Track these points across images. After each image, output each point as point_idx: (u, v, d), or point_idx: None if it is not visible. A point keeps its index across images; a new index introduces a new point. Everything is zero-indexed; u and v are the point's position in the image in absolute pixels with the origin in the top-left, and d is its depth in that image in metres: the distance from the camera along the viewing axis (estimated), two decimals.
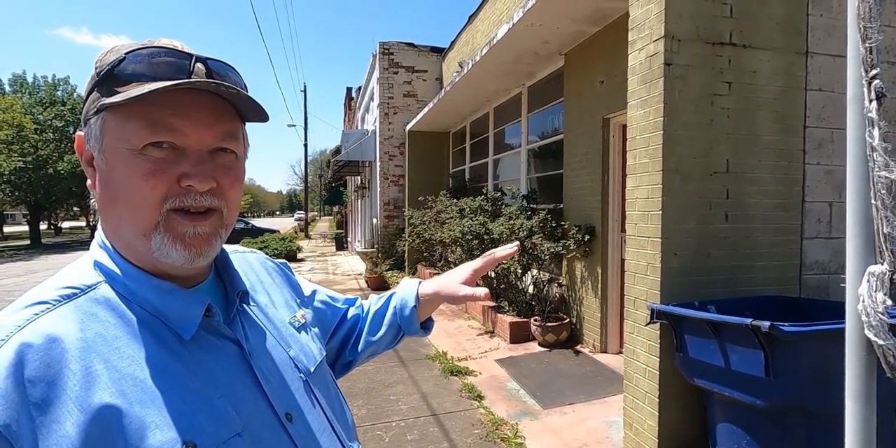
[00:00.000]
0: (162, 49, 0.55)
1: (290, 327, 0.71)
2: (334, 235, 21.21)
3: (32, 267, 14.17)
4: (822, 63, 2.68)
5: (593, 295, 4.44)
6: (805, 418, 1.89)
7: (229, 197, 0.58)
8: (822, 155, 2.71)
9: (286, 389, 0.63)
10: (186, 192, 0.54)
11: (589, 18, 4.13)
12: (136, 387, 0.50)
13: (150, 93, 0.50)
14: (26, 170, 21.58)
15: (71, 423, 0.46)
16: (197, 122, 0.54)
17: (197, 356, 0.56)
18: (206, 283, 0.64)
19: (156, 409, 0.50)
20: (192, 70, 0.54)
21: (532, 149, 6.08)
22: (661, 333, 2.46)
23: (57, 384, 0.47)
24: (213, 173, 0.56)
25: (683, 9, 2.44)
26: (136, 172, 0.53)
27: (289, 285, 0.81)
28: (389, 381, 3.88)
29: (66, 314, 0.52)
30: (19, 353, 0.47)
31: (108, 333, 0.52)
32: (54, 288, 0.54)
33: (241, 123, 0.61)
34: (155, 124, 0.53)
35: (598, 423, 3.07)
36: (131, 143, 0.53)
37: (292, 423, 0.60)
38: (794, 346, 1.83)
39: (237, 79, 0.59)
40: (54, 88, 25.64)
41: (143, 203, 0.53)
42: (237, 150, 0.59)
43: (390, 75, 10.11)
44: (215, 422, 0.53)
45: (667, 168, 2.45)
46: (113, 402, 0.48)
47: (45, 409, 0.46)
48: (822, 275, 2.73)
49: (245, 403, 0.57)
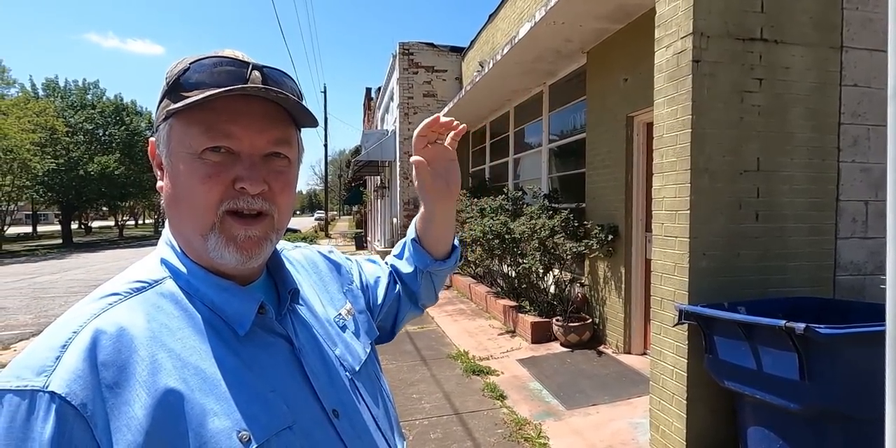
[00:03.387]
0: (224, 58, 0.58)
1: (335, 326, 0.72)
2: (354, 235, 21.39)
3: (65, 265, 14.66)
4: (858, 58, 2.60)
5: (616, 295, 4.39)
6: (842, 423, 1.84)
7: (280, 201, 0.60)
8: (857, 152, 2.63)
9: (333, 387, 0.64)
10: (240, 195, 0.56)
11: (612, 16, 4.08)
12: (197, 376, 0.53)
13: (201, 99, 0.53)
14: (58, 171, 22.36)
15: (140, 406, 0.49)
16: (249, 128, 0.56)
17: (251, 351, 0.59)
18: (259, 282, 0.66)
19: (214, 398, 0.53)
20: (249, 77, 0.57)
21: (553, 148, 6.04)
22: (689, 334, 2.42)
23: (126, 369, 0.50)
24: (266, 177, 0.58)
25: (712, 5, 2.40)
26: (195, 175, 0.56)
27: (336, 276, 0.82)
28: (412, 379, 3.90)
29: (135, 306, 0.56)
30: (94, 339, 0.51)
31: (173, 325, 0.56)
32: (125, 282, 0.58)
33: (295, 129, 0.63)
34: (212, 130, 0.55)
35: (622, 424, 3.04)
36: (192, 148, 0.56)
37: (339, 420, 0.62)
38: (830, 348, 1.79)
39: (292, 85, 0.61)
40: (85, 92, 26.49)
41: (202, 205, 0.56)
42: (290, 155, 0.61)
43: (410, 75, 10.15)
44: (268, 414, 0.55)
45: (695, 167, 2.41)
46: (177, 388, 0.51)
47: (117, 392, 0.49)
48: (858, 276, 2.65)
49: (295, 398, 0.59)
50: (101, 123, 25.90)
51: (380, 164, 13.55)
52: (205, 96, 0.53)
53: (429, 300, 0.93)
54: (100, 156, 24.69)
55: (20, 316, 7.13)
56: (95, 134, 25.81)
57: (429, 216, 0.84)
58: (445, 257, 0.89)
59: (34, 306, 7.85)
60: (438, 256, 0.88)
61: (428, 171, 0.79)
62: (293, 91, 0.61)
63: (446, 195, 0.82)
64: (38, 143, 19.63)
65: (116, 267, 13.14)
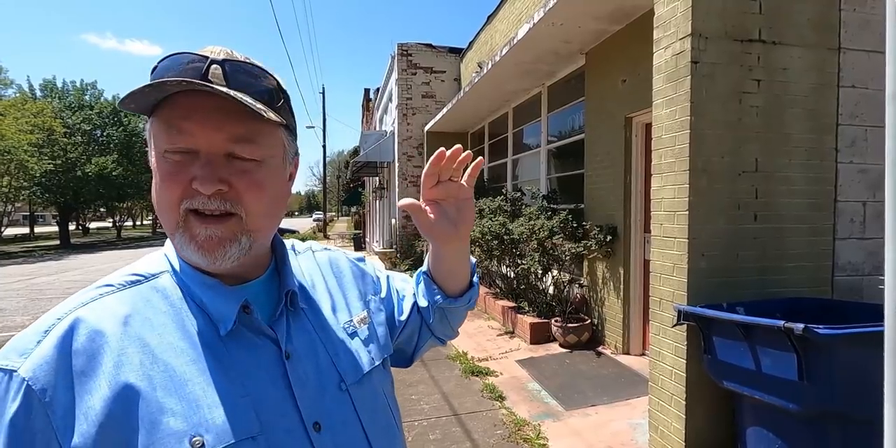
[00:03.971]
0: (189, 54, 0.55)
1: (342, 333, 0.68)
2: (353, 236, 21.37)
3: (63, 266, 14.61)
4: (856, 59, 2.61)
5: (615, 296, 4.39)
6: (841, 423, 1.84)
7: (246, 201, 0.56)
8: (855, 153, 2.63)
9: (321, 397, 0.60)
10: (196, 194, 0.54)
11: (611, 17, 4.09)
12: (165, 373, 0.53)
13: (128, 93, 0.51)
14: (56, 172, 22.28)
15: (98, 397, 0.50)
16: (203, 125, 0.54)
17: (233, 352, 0.57)
18: (259, 281, 0.64)
19: (177, 398, 0.52)
20: (206, 73, 0.54)
21: (552, 149, 6.04)
22: (688, 335, 2.43)
23: (95, 358, 0.51)
24: (227, 176, 0.54)
25: (711, 6, 2.40)
26: (159, 174, 0.56)
27: (360, 283, 0.77)
28: (410, 380, 3.90)
29: (125, 298, 0.57)
30: (72, 327, 0.52)
31: (156, 320, 0.56)
32: (124, 274, 0.60)
33: (272, 126, 0.58)
34: (171, 128, 0.54)
35: (621, 425, 3.04)
36: (159, 147, 0.55)
37: (319, 434, 0.58)
38: (829, 349, 1.79)
39: (246, 79, 0.56)
40: (82, 93, 26.41)
41: (165, 203, 0.55)
42: (255, 154, 0.56)
43: (408, 76, 10.15)
44: (231, 420, 0.53)
45: (694, 167, 2.42)
46: (136, 384, 0.51)
47: (83, 380, 0.50)
48: (856, 276, 2.65)
49: (270, 406, 0.56)
50: (98, 124, 25.82)
51: (378, 165, 13.55)
52: (131, 92, 0.51)
53: (445, 335, 0.86)
54: (97, 157, 24.62)
55: (17, 317, 7.10)
56: (93, 135, 25.73)
57: (437, 254, 0.77)
58: (458, 295, 0.81)
59: (31, 307, 7.82)
60: (450, 293, 0.80)
61: (426, 215, 0.71)
62: (264, 86, 0.57)
63: (453, 237, 0.73)
64: (35, 143, 19.58)
65: (114, 268, 13.03)
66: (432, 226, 0.72)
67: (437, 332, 0.84)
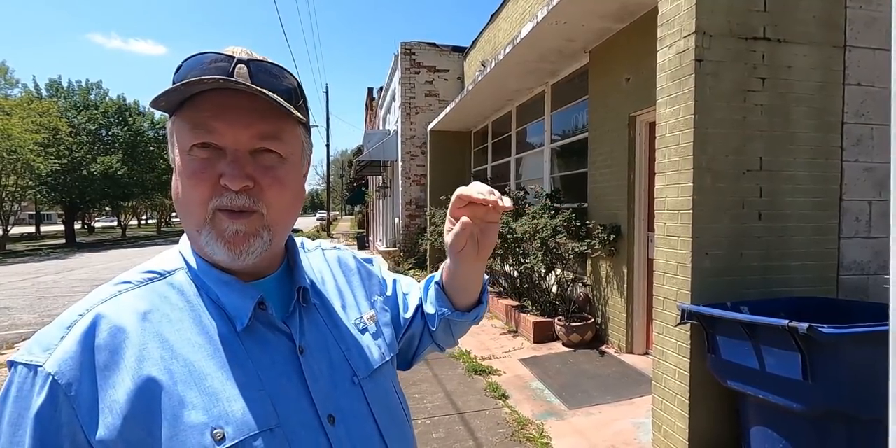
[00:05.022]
0: (213, 53, 0.56)
1: (353, 328, 0.70)
2: (356, 235, 21.41)
3: (69, 265, 14.70)
4: (862, 57, 2.59)
5: (619, 295, 4.38)
6: (846, 423, 1.84)
7: (268, 197, 0.57)
8: (861, 152, 2.62)
9: (335, 391, 0.62)
10: (224, 191, 0.55)
11: (615, 15, 4.08)
12: (185, 368, 0.54)
13: (163, 92, 0.52)
14: (62, 171, 22.40)
15: (122, 390, 0.51)
16: (233, 123, 0.55)
17: (249, 347, 0.58)
18: (272, 277, 0.65)
19: (197, 392, 0.53)
20: (233, 72, 0.55)
21: (555, 147, 6.03)
22: (692, 334, 2.42)
23: (118, 352, 0.53)
24: (252, 173, 0.56)
25: (715, 4, 2.39)
26: (185, 172, 0.56)
27: (367, 283, 0.79)
28: (414, 379, 3.90)
29: (143, 295, 0.58)
30: (94, 323, 0.54)
31: (174, 316, 0.57)
32: (141, 271, 0.61)
33: (294, 124, 0.61)
34: (197, 126, 0.55)
35: (625, 424, 3.03)
36: (183, 145, 0.56)
37: (334, 426, 0.59)
38: (833, 348, 1.78)
39: (285, 80, 0.59)
40: (87, 92, 26.54)
41: (192, 201, 0.56)
42: (280, 150, 0.58)
43: (412, 75, 10.16)
44: (250, 413, 0.54)
45: (698, 166, 2.41)
46: (159, 377, 0.52)
47: (107, 374, 0.52)
48: (861, 275, 2.64)
49: (286, 400, 0.57)
50: (104, 124, 25.96)
51: (382, 164, 13.57)
52: (165, 90, 0.52)
53: (446, 343, 0.87)
54: (103, 156, 24.74)
55: (24, 315, 7.15)
56: (98, 134, 25.86)
57: (453, 270, 0.77)
58: (467, 310, 0.81)
59: (37, 306, 7.87)
60: (459, 307, 0.80)
61: (468, 234, 0.70)
62: (285, 86, 0.59)
63: (473, 259, 0.74)
64: (41, 143, 19.67)
65: (119, 267, 13.18)
66: (461, 245, 0.72)
67: (438, 339, 0.85)
